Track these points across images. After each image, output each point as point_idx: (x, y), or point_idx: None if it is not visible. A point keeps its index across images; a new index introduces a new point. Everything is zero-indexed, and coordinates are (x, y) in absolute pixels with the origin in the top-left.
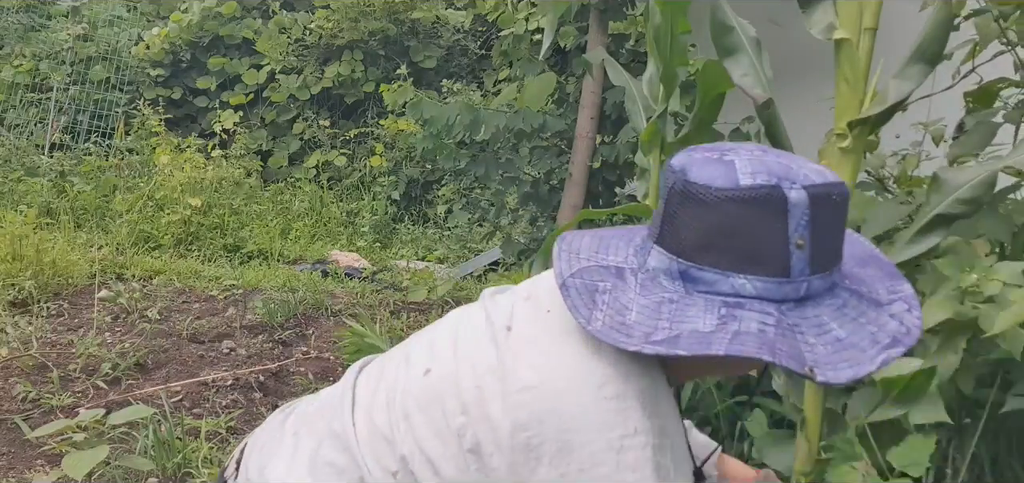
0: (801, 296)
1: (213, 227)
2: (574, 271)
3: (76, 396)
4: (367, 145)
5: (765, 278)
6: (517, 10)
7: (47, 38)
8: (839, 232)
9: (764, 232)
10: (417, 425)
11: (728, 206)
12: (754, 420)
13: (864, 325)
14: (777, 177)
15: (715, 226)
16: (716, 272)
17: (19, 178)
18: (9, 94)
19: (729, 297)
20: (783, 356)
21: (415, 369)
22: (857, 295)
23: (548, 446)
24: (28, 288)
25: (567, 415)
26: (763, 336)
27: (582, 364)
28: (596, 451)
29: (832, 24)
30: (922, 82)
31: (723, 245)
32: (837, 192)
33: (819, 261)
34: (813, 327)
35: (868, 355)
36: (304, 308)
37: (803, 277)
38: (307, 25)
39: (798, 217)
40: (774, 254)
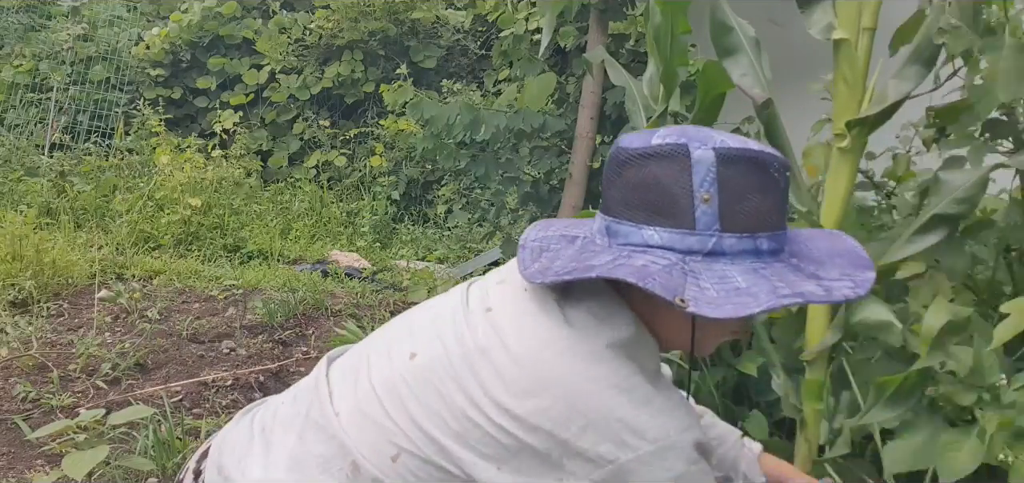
0: (709, 250)
1: (213, 227)
2: (536, 237)
3: (76, 396)
4: (367, 145)
5: (671, 229)
6: (517, 10)
7: (47, 38)
8: (765, 198)
9: (669, 185)
10: (414, 411)
11: (639, 162)
12: (753, 421)
13: (772, 281)
14: (688, 138)
15: (630, 181)
16: (631, 225)
17: (19, 178)
18: (9, 94)
19: (638, 246)
20: (654, 283)
21: (399, 356)
22: (794, 269)
23: (550, 410)
24: (28, 288)
25: (563, 380)
26: (644, 269)
27: (564, 330)
28: (606, 399)
29: (831, 24)
30: (920, 83)
31: (636, 199)
32: (757, 157)
33: (732, 219)
34: (715, 277)
35: (758, 301)
36: (304, 308)
37: (711, 231)
38: (307, 25)
39: (702, 173)
40: (680, 207)
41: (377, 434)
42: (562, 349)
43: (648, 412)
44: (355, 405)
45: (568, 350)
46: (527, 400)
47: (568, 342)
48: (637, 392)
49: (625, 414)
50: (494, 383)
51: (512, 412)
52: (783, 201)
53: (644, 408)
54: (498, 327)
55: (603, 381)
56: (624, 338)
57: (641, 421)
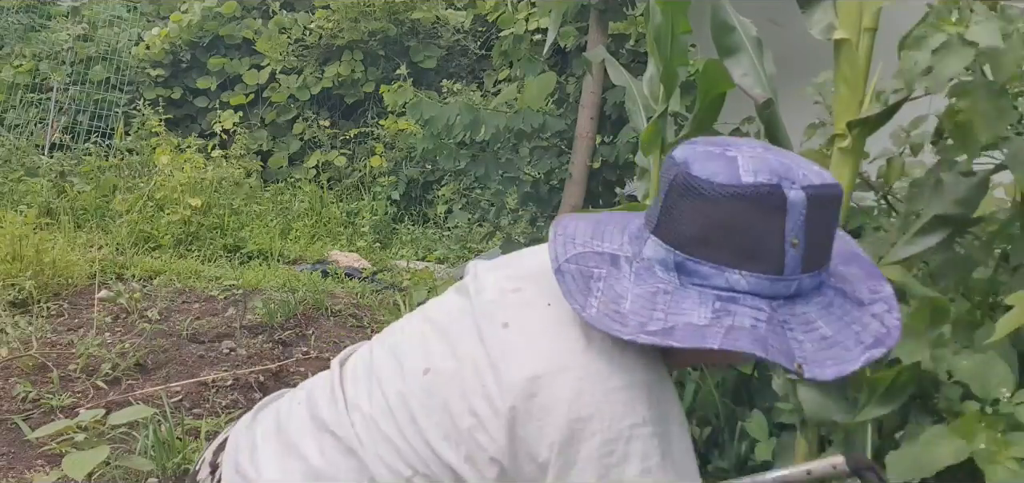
0: (792, 293)
1: (213, 227)
2: (569, 256)
3: (76, 396)
4: (367, 145)
5: (759, 275)
6: (517, 10)
7: (47, 38)
8: (831, 232)
9: (762, 230)
10: (426, 429)
11: (729, 202)
12: (754, 421)
13: (849, 324)
14: (779, 177)
15: (715, 221)
16: (712, 266)
17: (19, 178)
18: (9, 94)
19: (723, 291)
20: (774, 352)
21: (411, 371)
22: (842, 294)
23: (556, 437)
24: (28, 288)
25: (575, 407)
26: (755, 332)
27: (583, 356)
28: (606, 440)
29: (832, 24)
30: None
31: (721, 240)
32: (833, 194)
33: (811, 260)
34: (801, 324)
35: (853, 354)
36: (304, 308)
37: (795, 275)
38: (307, 25)
39: (796, 217)
40: (770, 252)
41: (392, 454)
42: (580, 376)
43: (642, 465)
44: (371, 417)
45: (585, 379)
46: (530, 424)
47: (603, 371)
48: (648, 444)
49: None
50: (502, 401)
51: (511, 435)
52: (837, 227)
53: (649, 461)
54: (513, 346)
55: (614, 420)
56: (648, 379)
57: (630, 470)
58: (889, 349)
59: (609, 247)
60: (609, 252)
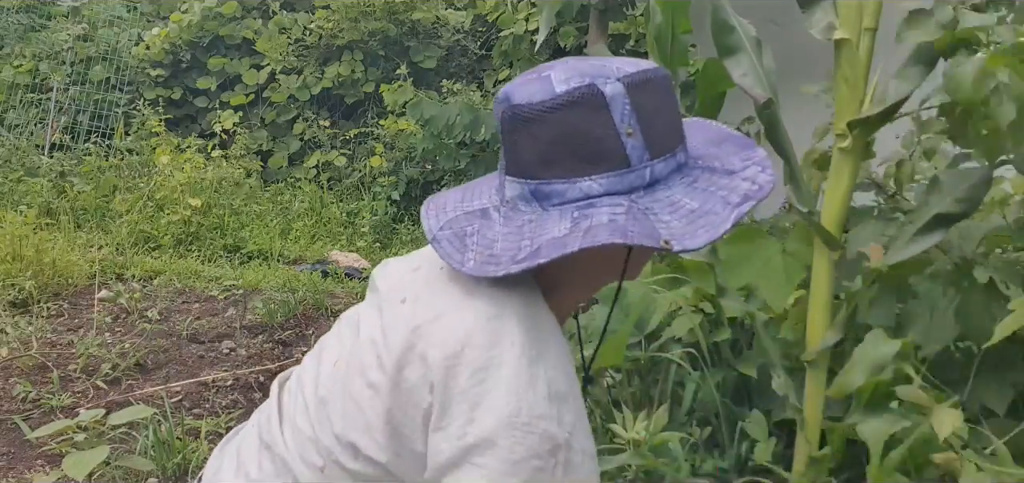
0: (648, 182)
1: (213, 227)
2: (442, 224)
3: (76, 396)
4: (367, 145)
5: (608, 174)
6: (517, 10)
7: (47, 38)
8: (669, 113)
9: (594, 131)
10: (333, 416)
11: (553, 116)
12: (753, 422)
13: (716, 193)
14: (590, 77)
15: (548, 139)
16: (563, 182)
17: (19, 178)
18: (9, 94)
19: (580, 201)
20: (635, 235)
21: (325, 367)
22: (709, 170)
23: (435, 378)
24: (28, 288)
25: (449, 345)
26: (613, 224)
27: (461, 301)
28: (476, 369)
29: (832, 24)
30: (922, 83)
31: (561, 154)
32: (654, 75)
33: (656, 144)
34: (666, 207)
35: (722, 217)
36: (304, 308)
37: (644, 163)
38: (307, 25)
39: (620, 107)
40: (609, 149)
41: (310, 448)
42: (454, 318)
43: (509, 386)
44: (294, 423)
45: (459, 319)
46: (413, 374)
47: (480, 309)
48: (517, 367)
49: (494, 385)
50: (389, 360)
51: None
52: (679, 110)
53: (518, 382)
54: (402, 313)
55: (484, 349)
56: (520, 310)
57: (498, 394)
58: (759, 200)
59: (479, 204)
60: (479, 208)
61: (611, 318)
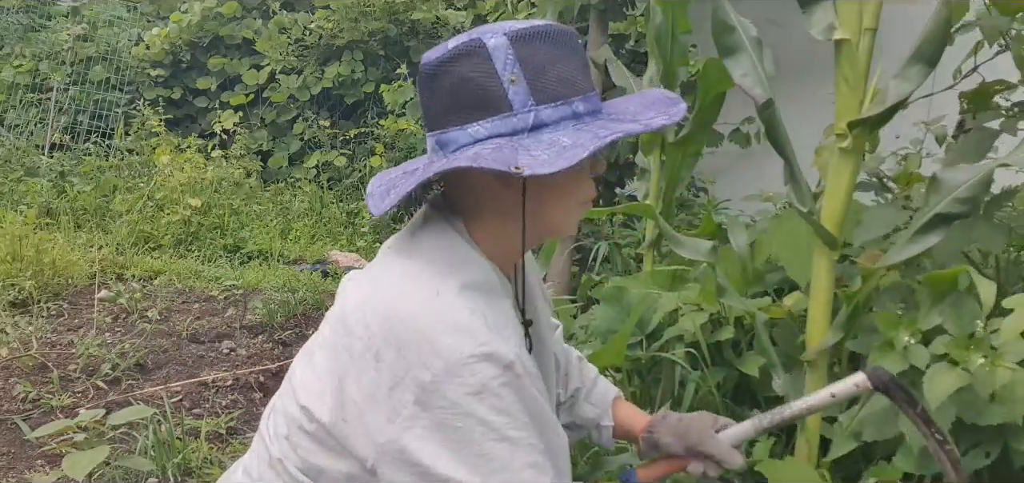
0: (532, 125)
1: (213, 227)
2: (380, 182)
3: (76, 396)
4: (367, 145)
5: (493, 118)
6: (517, 10)
7: (47, 38)
8: (565, 65)
9: (479, 80)
10: (298, 391)
11: (445, 69)
12: None
13: (594, 130)
14: (479, 32)
15: (443, 91)
16: (457, 129)
17: (19, 178)
18: (9, 94)
19: (468, 146)
20: (487, 161)
21: (302, 357)
22: (612, 118)
23: (378, 342)
24: (28, 288)
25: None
26: (475, 156)
27: (390, 269)
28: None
29: (832, 24)
30: (922, 82)
31: (454, 104)
32: (546, 30)
33: (543, 91)
34: (544, 145)
35: (586, 146)
36: (304, 308)
37: (528, 108)
38: (307, 25)
39: (502, 57)
40: (493, 95)
41: (281, 422)
42: (390, 281)
43: (445, 328)
44: (274, 409)
45: (394, 282)
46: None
47: (397, 276)
48: (443, 310)
49: (427, 332)
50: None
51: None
52: (584, 65)
53: (444, 323)
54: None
55: (416, 301)
56: (448, 261)
57: (438, 338)
58: (628, 134)
59: (414, 165)
60: (413, 167)
61: None
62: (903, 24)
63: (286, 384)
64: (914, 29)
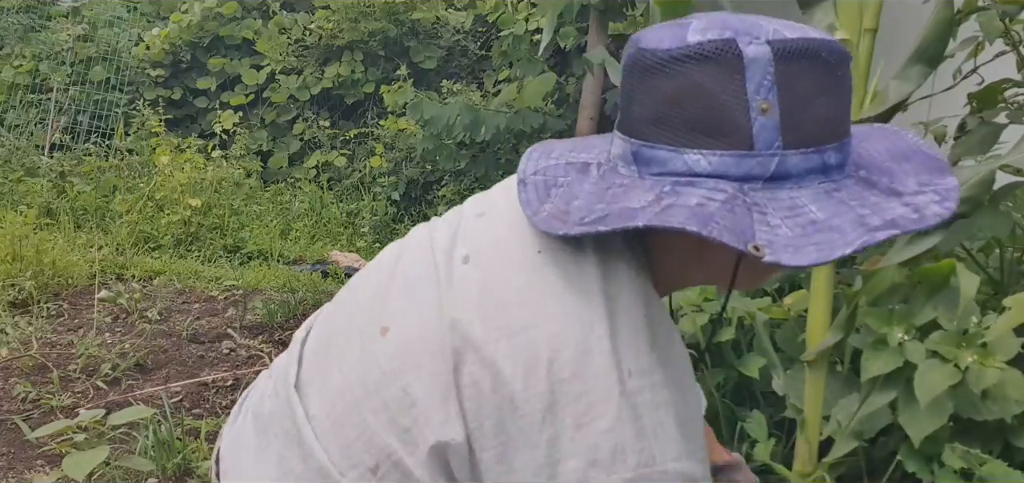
0: (771, 174)
1: (213, 227)
2: (537, 169)
3: (76, 397)
4: (367, 146)
5: (722, 152)
6: (517, 11)
7: (47, 38)
8: (831, 100)
9: (719, 97)
10: (393, 407)
11: (676, 69)
12: (754, 422)
13: (855, 208)
14: (734, 32)
15: (664, 95)
16: (668, 149)
17: (19, 178)
18: (9, 94)
19: (681, 176)
20: (718, 230)
21: (370, 337)
22: (867, 183)
23: (537, 402)
24: (28, 288)
25: (558, 363)
26: (700, 209)
27: (546, 287)
28: (595, 401)
29: (832, 25)
30: (922, 83)
31: (673, 116)
32: (820, 48)
33: (796, 131)
34: (784, 209)
35: (846, 238)
36: (304, 309)
37: (773, 150)
38: (307, 26)
39: (759, 76)
40: (732, 122)
41: (354, 444)
42: (551, 314)
43: (636, 428)
44: (330, 406)
45: (558, 315)
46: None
47: (589, 319)
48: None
49: (609, 424)
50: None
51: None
52: (850, 102)
53: (634, 424)
54: (475, 281)
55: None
56: (601, 287)
57: (625, 436)
58: (909, 231)
59: (586, 157)
60: (583, 161)
61: None
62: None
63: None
64: (914, 29)
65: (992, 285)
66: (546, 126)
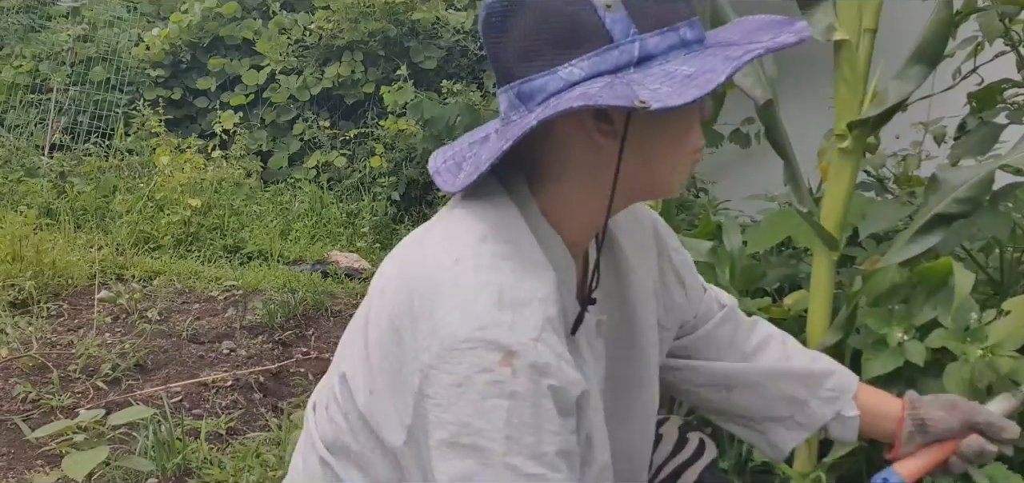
0: (638, 58)
1: (213, 228)
2: (446, 157)
3: (76, 397)
4: (367, 146)
5: (590, 55)
6: None
7: (47, 39)
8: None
9: (562, 9)
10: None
11: (516, 3)
12: None
13: (719, 54)
14: None
15: (522, 30)
16: (544, 74)
17: (19, 179)
18: (9, 95)
19: (562, 91)
20: (605, 98)
21: None
22: (725, 44)
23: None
24: (28, 289)
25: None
26: (584, 95)
27: (426, 233)
28: (424, 302)
29: (832, 25)
30: (922, 83)
31: (536, 44)
32: None
33: (646, 17)
34: (657, 77)
35: (719, 70)
36: (304, 309)
37: (631, 37)
38: (307, 26)
39: None
40: (587, 26)
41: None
42: (425, 244)
43: (451, 305)
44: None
45: (428, 245)
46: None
47: (435, 237)
48: (456, 281)
49: (434, 307)
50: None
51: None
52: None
53: (452, 298)
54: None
55: (434, 270)
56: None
57: (440, 315)
58: (767, 52)
59: (484, 132)
60: (482, 135)
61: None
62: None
63: None
64: (914, 29)
65: (992, 285)
66: None
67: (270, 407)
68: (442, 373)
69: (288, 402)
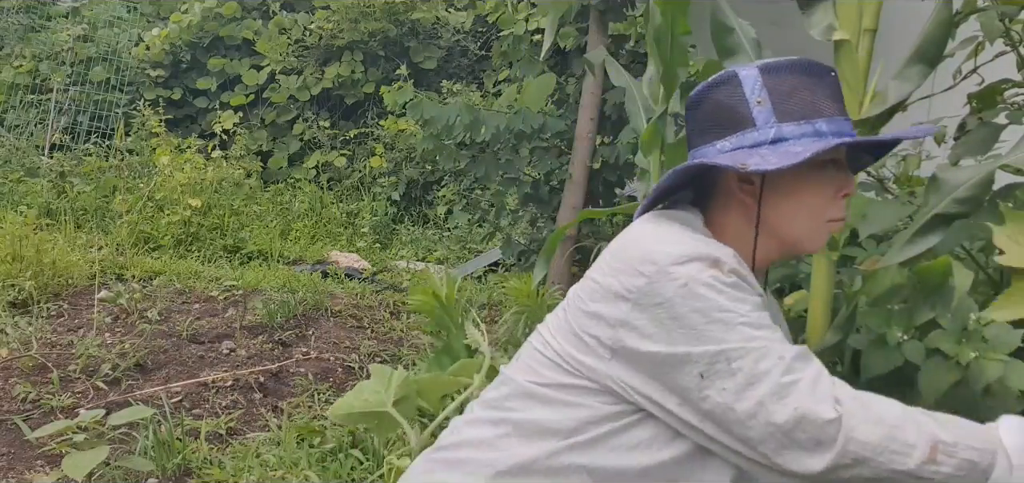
0: (772, 139)
1: (213, 228)
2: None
3: (76, 397)
4: (367, 146)
5: (738, 134)
6: (517, 11)
7: (47, 39)
8: (811, 91)
9: (729, 103)
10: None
11: (702, 97)
12: None
13: (833, 142)
14: (734, 68)
15: (699, 115)
16: (707, 146)
17: (19, 179)
18: (9, 95)
19: None
20: (721, 160)
21: None
22: (852, 137)
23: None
24: (28, 288)
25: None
26: (715, 157)
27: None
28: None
29: (832, 25)
30: (922, 83)
31: (706, 125)
32: (796, 63)
33: (786, 111)
34: (780, 153)
35: (809, 150)
36: (304, 309)
37: (770, 125)
38: (307, 26)
39: (751, 83)
40: (740, 114)
41: None
42: (631, 232)
43: (665, 245)
44: None
45: (634, 231)
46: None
47: (637, 229)
48: (667, 237)
49: (648, 249)
50: None
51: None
52: (835, 93)
53: (665, 242)
54: None
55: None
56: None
57: (654, 249)
58: (845, 142)
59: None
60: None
61: None
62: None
63: None
64: (914, 29)
65: (991, 285)
66: (546, 126)
67: (270, 407)
68: (664, 284)
69: (288, 402)
